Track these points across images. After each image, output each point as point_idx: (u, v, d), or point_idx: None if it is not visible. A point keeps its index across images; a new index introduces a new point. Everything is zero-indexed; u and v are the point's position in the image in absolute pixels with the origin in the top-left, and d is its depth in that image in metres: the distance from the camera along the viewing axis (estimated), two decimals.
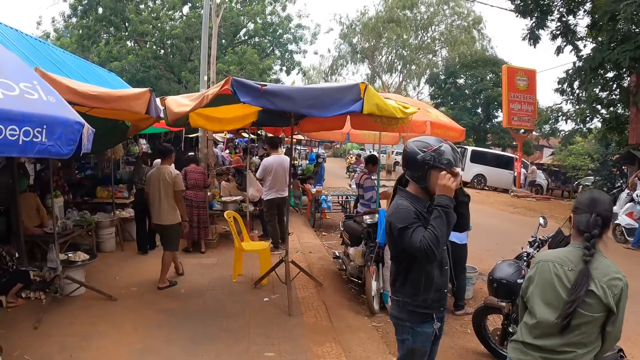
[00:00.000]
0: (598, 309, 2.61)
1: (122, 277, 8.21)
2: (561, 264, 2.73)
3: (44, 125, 3.23)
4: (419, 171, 3.21)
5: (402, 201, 3.25)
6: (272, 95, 5.22)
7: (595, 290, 2.59)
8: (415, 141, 3.28)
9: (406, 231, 3.07)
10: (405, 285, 3.32)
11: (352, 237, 7.79)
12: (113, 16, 30.08)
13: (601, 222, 2.73)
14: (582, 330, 2.63)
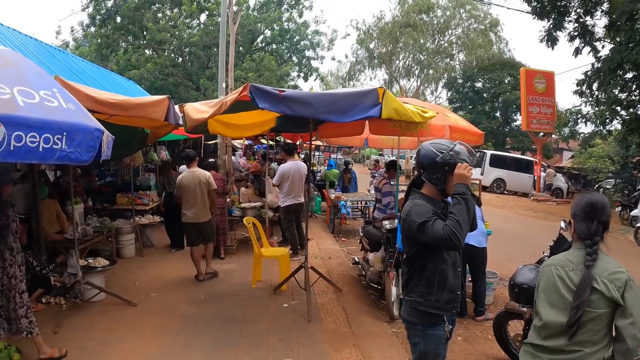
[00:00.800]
0: (602, 304, 2.61)
1: (142, 282, 8.26)
2: (562, 266, 2.78)
3: (64, 132, 3.26)
4: (438, 173, 3.24)
5: (417, 200, 3.27)
6: (290, 101, 5.23)
7: (597, 286, 2.61)
8: (432, 143, 3.31)
9: (426, 224, 3.04)
10: (418, 284, 3.31)
11: (371, 243, 7.77)
12: (131, 25, 30.36)
13: (602, 229, 2.77)
14: (588, 328, 2.63)
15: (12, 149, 2.97)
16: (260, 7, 31.86)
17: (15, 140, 2.98)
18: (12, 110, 3.07)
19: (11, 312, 5.10)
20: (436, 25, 46.82)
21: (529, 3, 19.51)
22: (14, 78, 3.39)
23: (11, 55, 3.81)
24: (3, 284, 5.05)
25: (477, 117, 36.97)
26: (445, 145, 3.26)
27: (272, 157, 17.61)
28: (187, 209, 8.38)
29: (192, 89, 29.36)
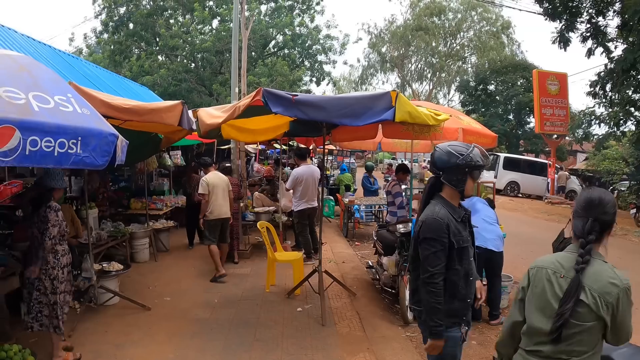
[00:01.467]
0: (589, 317, 2.45)
1: (156, 287, 8.30)
2: (554, 271, 2.60)
3: (79, 137, 3.28)
4: (458, 175, 3.30)
5: (439, 210, 3.29)
6: (303, 105, 5.22)
7: (585, 300, 2.44)
8: (450, 145, 3.36)
9: (430, 246, 3.19)
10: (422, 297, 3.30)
11: (385, 247, 7.75)
12: (144, 31, 30.56)
13: (599, 227, 2.56)
14: (576, 339, 2.49)
15: (28, 153, 2.99)
16: (272, 12, 31.92)
17: (31, 145, 3.00)
18: (28, 115, 3.09)
19: (51, 311, 5.31)
20: (448, 28, 46.80)
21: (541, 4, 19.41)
22: (29, 84, 3.41)
23: (26, 61, 3.84)
24: (46, 286, 5.27)
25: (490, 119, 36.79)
26: (463, 147, 3.32)
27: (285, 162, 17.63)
28: (214, 205, 8.83)
29: (205, 95, 29.47)
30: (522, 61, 41.67)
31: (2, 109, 2.98)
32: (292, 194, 9.95)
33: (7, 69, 3.50)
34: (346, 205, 13.43)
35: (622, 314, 2.44)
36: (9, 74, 3.41)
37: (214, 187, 8.83)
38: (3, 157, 2.87)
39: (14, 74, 3.46)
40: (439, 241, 3.20)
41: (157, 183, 13.27)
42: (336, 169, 23.14)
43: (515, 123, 39.43)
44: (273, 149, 21.62)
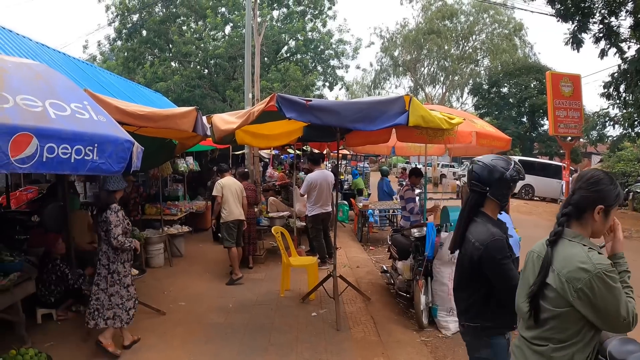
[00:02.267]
0: (560, 303, 2.34)
1: (171, 291, 8.32)
2: (538, 254, 2.54)
3: (95, 144, 3.32)
4: (504, 189, 3.23)
5: (493, 229, 3.16)
6: (317, 110, 5.22)
7: (552, 283, 2.35)
8: (493, 160, 3.25)
9: (506, 264, 3.07)
10: (485, 311, 3.23)
11: (400, 251, 7.73)
12: (157, 38, 30.82)
13: (576, 202, 2.46)
14: (551, 325, 2.40)
15: (45, 160, 3.03)
16: (284, 18, 32.06)
17: (48, 152, 3.05)
18: (44, 122, 3.13)
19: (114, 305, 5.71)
20: (460, 31, 46.65)
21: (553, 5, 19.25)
22: (46, 91, 3.46)
23: (42, 69, 3.88)
24: (107, 280, 5.68)
25: (504, 122, 36.65)
26: (505, 161, 3.25)
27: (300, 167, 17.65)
28: (229, 207, 8.98)
29: (218, 100, 29.60)
30: (535, 63, 41.42)
31: (20, 117, 3.03)
32: (306, 199, 9.93)
33: (23, 77, 3.54)
34: (360, 209, 13.40)
35: (601, 300, 2.26)
36: (25, 82, 3.46)
37: (227, 191, 8.95)
38: (21, 163, 2.91)
39: (30, 82, 3.50)
40: (509, 258, 3.11)
41: (172, 188, 13.33)
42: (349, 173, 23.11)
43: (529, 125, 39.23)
44: (287, 154, 21.66)
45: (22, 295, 5.89)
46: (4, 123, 2.92)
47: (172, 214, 11.15)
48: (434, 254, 6.75)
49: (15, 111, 3.09)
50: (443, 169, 38.98)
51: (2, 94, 3.15)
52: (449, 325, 6.58)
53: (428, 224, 6.97)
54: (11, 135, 2.90)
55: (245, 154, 11.83)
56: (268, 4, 30.13)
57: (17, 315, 5.81)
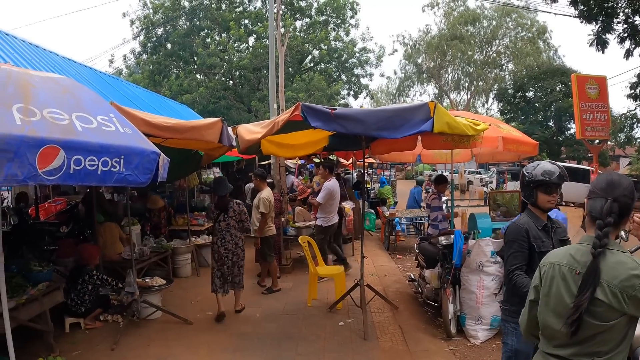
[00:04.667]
0: (611, 316, 2.22)
1: (198, 301, 8.35)
2: (569, 267, 2.38)
3: (122, 156, 3.35)
4: (527, 190, 3.80)
5: (521, 218, 3.83)
6: (342, 119, 5.22)
7: (603, 298, 2.21)
8: (526, 167, 3.83)
9: (509, 247, 3.73)
10: (513, 295, 3.66)
11: (427, 259, 7.65)
12: (181, 51, 31.16)
13: (617, 209, 2.34)
14: (598, 340, 2.27)
15: (72, 172, 3.07)
16: (307, 27, 32.17)
17: (75, 164, 3.08)
18: (71, 135, 3.16)
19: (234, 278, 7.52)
20: (483, 36, 46.28)
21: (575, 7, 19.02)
22: (72, 105, 3.50)
23: (69, 83, 3.93)
24: (233, 261, 7.46)
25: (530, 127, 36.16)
26: (532, 166, 3.77)
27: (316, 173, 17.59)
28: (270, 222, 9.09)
29: (243, 111, 29.78)
30: (560, 66, 40.89)
31: (47, 130, 3.06)
32: (322, 208, 9.51)
33: (50, 91, 3.59)
34: (387, 218, 13.33)
35: None
36: (52, 96, 3.50)
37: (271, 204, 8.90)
38: (48, 175, 2.95)
39: (57, 96, 3.54)
40: (517, 243, 3.66)
41: (199, 199, 13.41)
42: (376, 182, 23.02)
43: (556, 130, 38.69)
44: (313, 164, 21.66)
45: (51, 304, 5.98)
46: (32, 136, 2.96)
47: (199, 224, 11.21)
48: (462, 261, 6.68)
49: (43, 124, 3.13)
50: (470, 175, 38.64)
51: (30, 107, 3.20)
52: (477, 334, 6.48)
53: (456, 231, 6.90)
54: (39, 148, 2.94)
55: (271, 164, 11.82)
56: (291, 15, 30.27)
57: (45, 324, 5.88)
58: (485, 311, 6.45)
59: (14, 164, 2.83)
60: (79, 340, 6.53)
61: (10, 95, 3.27)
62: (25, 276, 5.85)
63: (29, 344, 5.84)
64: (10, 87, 3.36)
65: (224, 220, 7.40)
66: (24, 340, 5.82)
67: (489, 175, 37.62)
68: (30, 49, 10.40)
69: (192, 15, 31.51)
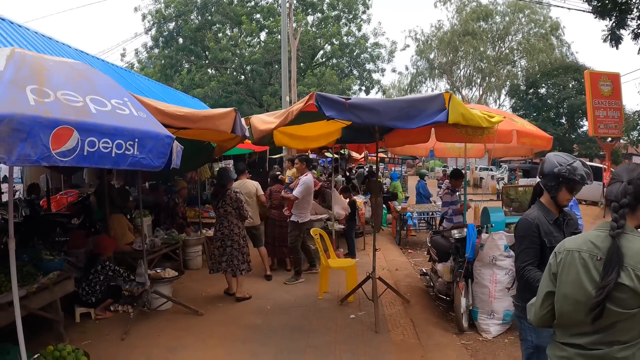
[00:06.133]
0: (634, 303, 2.17)
1: (209, 293, 8.36)
2: (589, 253, 2.33)
3: (136, 139, 3.33)
4: (552, 182, 3.58)
5: (532, 211, 3.68)
6: (356, 109, 5.15)
7: (627, 282, 2.15)
8: (556, 155, 3.64)
9: (520, 243, 3.62)
10: (525, 290, 3.51)
11: (439, 253, 7.59)
12: (193, 45, 31.26)
13: (633, 190, 2.34)
14: (619, 328, 2.23)
15: (86, 154, 3.04)
16: (319, 22, 32.14)
17: (89, 146, 3.06)
18: (85, 117, 3.14)
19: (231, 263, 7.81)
20: (496, 32, 45.99)
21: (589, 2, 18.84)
22: (87, 88, 3.48)
23: (83, 68, 3.91)
24: (227, 245, 7.79)
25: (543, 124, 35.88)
26: (567, 158, 3.56)
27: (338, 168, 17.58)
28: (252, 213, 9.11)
29: (255, 106, 29.81)
30: (573, 63, 40.53)
31: (61, 111, 3.04)
32: (298, 204, 9.08)
33: (65, 74, 3.57)
34: (399, 212, 13.28)
35: None
36: (67, 79, 3.49)
37: None
38: (62, 156, 2.92)
39: (71, 79, 3.53)
40: (527, 239, 3.56)
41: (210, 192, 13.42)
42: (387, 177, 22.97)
43: (568, 127, 38.42)
44: (324, 158, 21.61)
45: (62, 293, 5.99)
46: (46, 116, 2.93)
47: (211, 217, 11.21)
48: (475, 255, 6.63)
49: (56, 105, 3.10)
50: (481, 172, 38.49)
51: (44, 89, 3.17)
52: (489, 329, 6.43)
53: (469, 225, 6.85)
54: (52, 129, 2.91)
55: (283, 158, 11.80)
56: (303, 10, 30.24)
57: (55, 313, 5.89)
58: (497, 305, 6.40)
59: (27, 144, 2.80)
60: (88, 329, 6.53)
61: (24, 77, 3.25)
62: (36, 265, 5.86)
63: (39, 334, 5.85)
64: (24, 70, 3.34)
65: (222, 207, 7.86)
66: (34, 330, 5.83)
67: (500, 172, 37.42)
68: (43, 40, 10.43)
69: (203, 9, 31.54)
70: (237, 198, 7.84)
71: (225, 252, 7.82)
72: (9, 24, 9.76)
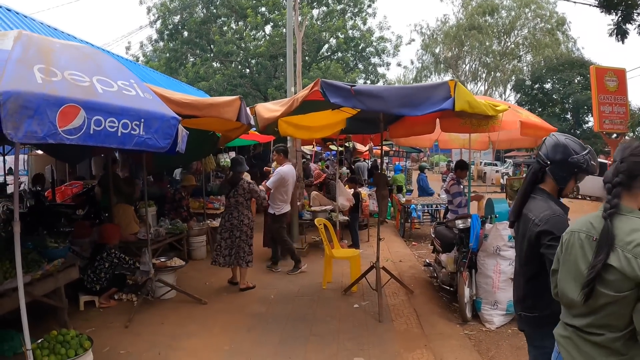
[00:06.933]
0: (624, 286, 2.11)
1: (212, 282, 8.40)
2: (586, 234, 2.31)
3: (142, 119, 3.34)
4: (565, 171, 3.02)
5: (555, 206, 2.95)
6: (362, 95, 5.14)
7: (615, 264, 2.11)
8: (568, 138, 3.05)
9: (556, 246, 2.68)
10: (542, 300, 2.97)
11: (443, 244, 7.61)
12: (198, 39, 31.23)
13: (625, 168, 2.26)
14: (609, 312, 2.18)
15: (92, 132, 3.05)
16: (324, 16, 32.07)
17: (95, 124, 3.07)
18: (92, 96, 3.15)
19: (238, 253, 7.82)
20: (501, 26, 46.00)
21: None
22: (93, 69, 3.50)
23: (90, 51, 3.93)
24: (236, 236, 7.77)
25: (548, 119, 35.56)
26: (580, 145, 3.04)
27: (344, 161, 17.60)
28: None
29: (259, 99, 29.75)
30: (579, 58, 40.48)
31: (68, 90, 3.05)
32: (274, 195, 9.02)
33: (71, 56, 3.59)
34: (403, 205, 13.28)
35: None
36: (73, 60, 3.50)
37: None
38: (68, 134, 2.93)
39: (78, 61, 3.55)
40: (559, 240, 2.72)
41: (215, 184, 13.47)
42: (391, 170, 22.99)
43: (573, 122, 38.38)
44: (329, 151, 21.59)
45: (66, 280, 6.00)
46: (53, 94, 2.94)
47: (215, 208, 11.25)
48: (479, 246, 6.63)
49: (63, 84, 3.12)
50: (486, 167, 38.44)
51: (51, 68, 3.18)
52: (493, 319, 6.45)
53: (473, 215, 6.85)
54: (59, 107, 2.92)
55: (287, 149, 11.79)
56: (308, 3, 30.18)
57: (60, 301, 5.91)
58: (501, 296, 6.41)
59: (34, 121, 2.81)
60: (92, 317, 6.58)
61: (32, 56, 3.26)
62: (41, 252, 5.88)
63: (43, 321, 5.87)
64: (31, 50, 3.36)
65: (233, 196, 7.83)
66: (38, 318, 5.84)
67: (505, 167, 37.36)
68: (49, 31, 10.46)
69: (208, 3, 31.50)
70: (251, 189, 7.87)
71: (233, 244, 7.80)
72: (14, 15, 9.80)
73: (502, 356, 5.61)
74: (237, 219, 7.79)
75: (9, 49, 3.24)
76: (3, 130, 2.74)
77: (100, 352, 5.32)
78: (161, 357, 5.41)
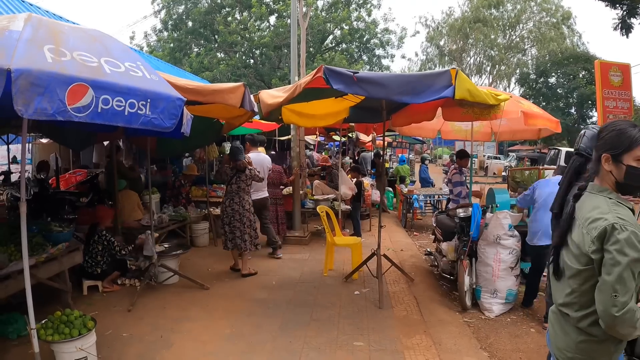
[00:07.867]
0: (581, 260, 2.24)
1: (215, 269, 8.46)
2: None
3: (148, 99, 3.40)
4: None
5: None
6: (364, 82, 5.17)
7: (575, 238, 2.28)
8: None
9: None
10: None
11: (444, 232, 7.66)
12: (202, 29, 31.25)
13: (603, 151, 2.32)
14: (573, 288, 2.31)
15: (100, 111, 3.13)
16: (329, 7, 32.02)
17: (103, 103, 3.14)
18: (100, 76, 3.23)
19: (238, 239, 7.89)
20: (507, 19, 45.87)
21: None
22: (101, 51, 3.57)
23: (97, 34, 3.99)
24: (237, 220, 7.88)
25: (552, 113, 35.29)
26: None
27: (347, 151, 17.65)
28: None
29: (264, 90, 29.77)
30: (584, 52, 40.28)
31: (76, 69, 3.12)
32: None
33: (80, 38, 3.66)
34: (405, 195, 13.33)
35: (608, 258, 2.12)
36: (82, 42, 3.57)
37: None
38: (77, 112, 3.01)
39: (86, 42, 3.61)
40: None
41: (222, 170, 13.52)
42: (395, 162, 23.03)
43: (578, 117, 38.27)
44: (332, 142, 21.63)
45: (70, 264, 6.09)
46: (62, 73, 3.01)
47: (218, 196, 11.31)
48: (479, 234, 6.68)
49: (72, 64, 3.19)
50: (488, 160, 38.42)
51: (60, 48, 3.25)
52: (492, 308, 6.50)
53: (474, 204, 6.90)
54: (68, 85, 2.99)
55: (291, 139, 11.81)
56: None
57: (64, 284, 6.00)
58: (501, 285, 6.46)
59: (43, 98, 2.88)
60: (96, 301, 6.67)
61: (42, 37, 3.33)
62: (46, 236, 5.95)
63: (47, 304, 5.92)
64: (41, 31, 3.43)
65: (235, 182, 7.93)
66: (43, 301, 5.91)
67: (508, 161, 37.34)
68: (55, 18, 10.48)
69: None
70: (253, 175, 8.05)
71: (236, 228, 7.89)
72: (20, 2, 9.86)
73: (500, 343, 5.66)
74: (239, 204, 7.89)
75: (20, 30, 3.31)
76: (14, 106, 2.80)
77: (103, 334, 5.39)
78: (163, 340, 5.48)
